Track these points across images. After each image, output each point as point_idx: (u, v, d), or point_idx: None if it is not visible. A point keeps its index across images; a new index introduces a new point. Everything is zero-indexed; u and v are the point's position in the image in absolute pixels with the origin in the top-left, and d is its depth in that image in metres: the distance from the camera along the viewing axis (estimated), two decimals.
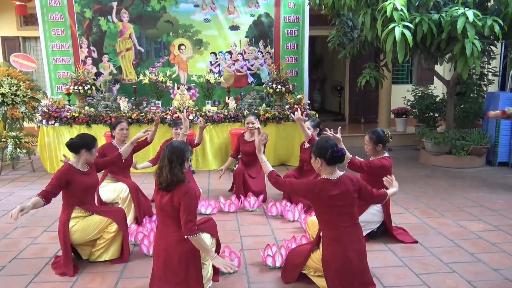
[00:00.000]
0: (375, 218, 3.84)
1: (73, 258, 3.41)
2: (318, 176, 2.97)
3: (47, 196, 3.19)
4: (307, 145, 4.83)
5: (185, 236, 2.70)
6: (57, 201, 5.49)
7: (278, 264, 3.35)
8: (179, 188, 2.76)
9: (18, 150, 6.69)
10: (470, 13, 4.91)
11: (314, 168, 3.02)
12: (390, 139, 3.86)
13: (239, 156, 5.51)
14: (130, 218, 4.23)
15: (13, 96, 6.68)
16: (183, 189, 2.76)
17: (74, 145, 3.40)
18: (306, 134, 4.47)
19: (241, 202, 4.90)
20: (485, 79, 8.15)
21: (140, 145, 4.40)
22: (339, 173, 2.86)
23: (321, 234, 2.95)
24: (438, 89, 9.62)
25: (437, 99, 8.83)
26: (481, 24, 5.07)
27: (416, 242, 3.87)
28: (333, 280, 2.82)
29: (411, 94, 9.21)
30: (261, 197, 4.96)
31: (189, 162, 2.95)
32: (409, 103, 9.16)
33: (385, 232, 3.95)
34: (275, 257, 3.38)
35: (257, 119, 5.27)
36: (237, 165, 5.49)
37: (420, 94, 9.02)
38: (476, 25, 4.97)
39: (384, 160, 3.79)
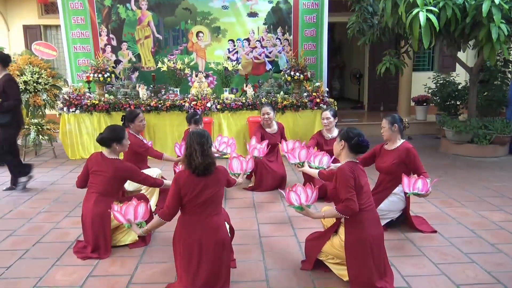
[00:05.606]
0: (396, 207, 3.79)
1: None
2: None
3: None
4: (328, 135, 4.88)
5: None
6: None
7: (303, 200, 2.93)
8: (216, 168, 2.83)
9: (41, 136, 6.84)
10: None
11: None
12: (407, 125, 3.83)
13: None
14: (153, 202, 4.31)
15: (35, 84, 6.81)
16: (220, 168, 2.88)
17: (104, 140, 3.47)
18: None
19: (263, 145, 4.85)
20: (510, 66, 7.93)
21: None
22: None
23: (341, 221, 2.94)
24: (460, 77, 9.39)
25: (459, 87, 8.64)
26: (508, 7, 4.90)
27: (435, 231, 3.83)
28: (355, 265, 2.81)
29: (432, 81, 9.04)
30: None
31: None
32: (430, 91, 8.99)
33: (404, 221, 3.91)
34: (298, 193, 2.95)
35: (273, 110, 5.26)
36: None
37: (441, 82, 8.84)
38: (502, 8, 4.82)
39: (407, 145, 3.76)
